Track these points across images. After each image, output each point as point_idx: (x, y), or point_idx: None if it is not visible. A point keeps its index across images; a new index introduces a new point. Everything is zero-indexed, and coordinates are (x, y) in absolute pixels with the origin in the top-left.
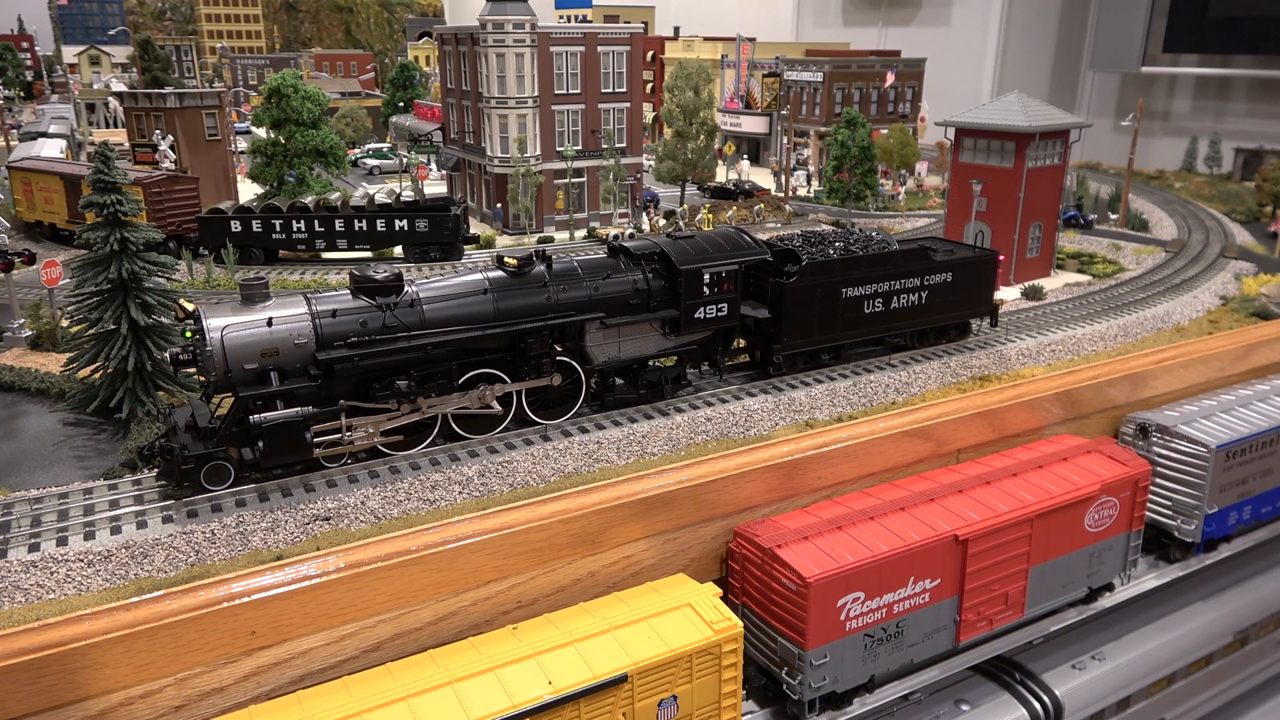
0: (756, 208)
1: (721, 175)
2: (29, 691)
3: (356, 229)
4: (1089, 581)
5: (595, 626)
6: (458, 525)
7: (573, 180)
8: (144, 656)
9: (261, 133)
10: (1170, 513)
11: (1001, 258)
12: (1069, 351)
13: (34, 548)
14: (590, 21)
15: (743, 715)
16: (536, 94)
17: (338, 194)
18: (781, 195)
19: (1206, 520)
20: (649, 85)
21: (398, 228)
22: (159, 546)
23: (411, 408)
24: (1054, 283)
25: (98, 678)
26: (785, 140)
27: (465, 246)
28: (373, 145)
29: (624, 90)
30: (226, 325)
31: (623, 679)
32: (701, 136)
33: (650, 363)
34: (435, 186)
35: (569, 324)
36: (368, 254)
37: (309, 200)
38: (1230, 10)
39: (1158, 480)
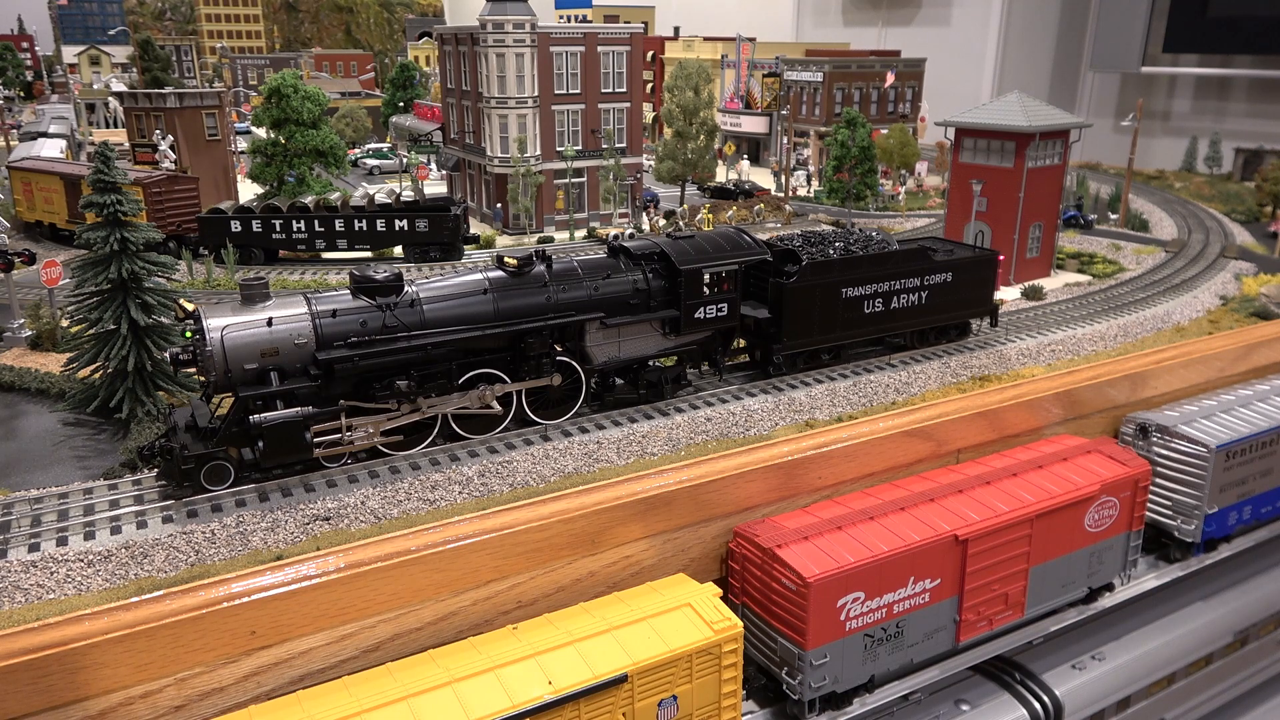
0: (756, 208)
1: (721, 175)
2: (29, 691)
3: (356, 229)
4: (1089, 581)
5: (595, 626)
6: (458, 525)
7: (573, 180)
8: (144, 656)
9: (261, 133)
10: (1170, 513)
11: (1001, 258)
12: (1069, 351)
13: (34, 548)
14: (590, 21)
15: (743, 715)
16: (536, 94)
17: (338, 194)
18: (781, 195)
19: (1206, 520)
20: (649, 85)
21: (398, 228)
22: (159, 546)
23: (411, 408)
24: (1054, 283)
25: (98, 678)
26: (785, 140)
27: (465, 246)
28: (373, 145)
29: (624, 90)
30: (226, 325)
31: (623, 679)
32: (701, 136)
33: (650, 363)
34: (435, 186)
35: (569, 324)
36: (368, 254)
37: (309, 200)
38: (1230, 10)
39: (1158, 480)
